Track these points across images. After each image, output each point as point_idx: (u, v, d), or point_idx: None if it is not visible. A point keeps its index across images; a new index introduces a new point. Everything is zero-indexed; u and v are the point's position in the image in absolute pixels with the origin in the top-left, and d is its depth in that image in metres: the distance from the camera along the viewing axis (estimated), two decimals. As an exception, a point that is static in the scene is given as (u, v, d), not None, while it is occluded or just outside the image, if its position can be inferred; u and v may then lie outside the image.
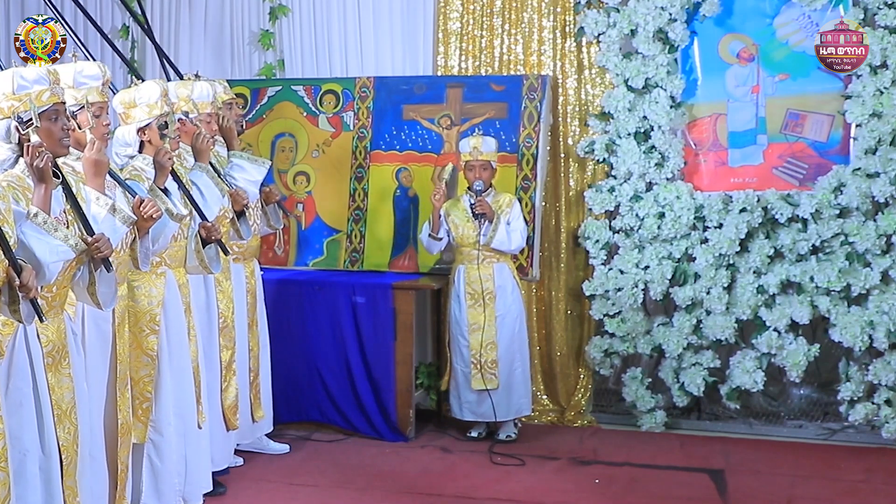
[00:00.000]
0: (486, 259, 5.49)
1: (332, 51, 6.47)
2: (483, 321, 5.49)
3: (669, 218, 5.71)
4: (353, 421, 5.66)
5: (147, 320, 4.01)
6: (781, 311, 5.58)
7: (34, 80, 3.10)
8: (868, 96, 5.46)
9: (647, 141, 5.80)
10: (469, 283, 5.52)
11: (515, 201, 5.57)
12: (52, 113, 3.13)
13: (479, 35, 6.16)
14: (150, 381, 4.02)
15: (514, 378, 5.54)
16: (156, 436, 4.04)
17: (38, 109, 3.08)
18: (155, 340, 4.01)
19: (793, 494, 4.75)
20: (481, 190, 5.44)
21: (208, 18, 6.63)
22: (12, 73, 3.12)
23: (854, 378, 5.56)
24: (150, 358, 4.01)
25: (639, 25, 5.73)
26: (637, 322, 5.85)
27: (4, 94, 3.09)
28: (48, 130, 3.11)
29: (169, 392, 4.09)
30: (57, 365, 3.14)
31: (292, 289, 5.73)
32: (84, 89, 3.60)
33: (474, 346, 5.51)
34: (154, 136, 4.06)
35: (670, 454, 5.39)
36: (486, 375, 5.48)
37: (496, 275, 5.52)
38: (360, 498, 4.73)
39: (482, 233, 5.44)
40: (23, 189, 3.06)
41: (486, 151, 5.49)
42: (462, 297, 5.54)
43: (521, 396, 5.58)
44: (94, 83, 3.64)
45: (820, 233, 5.54)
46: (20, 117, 3.05)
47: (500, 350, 5.50)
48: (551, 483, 4.95)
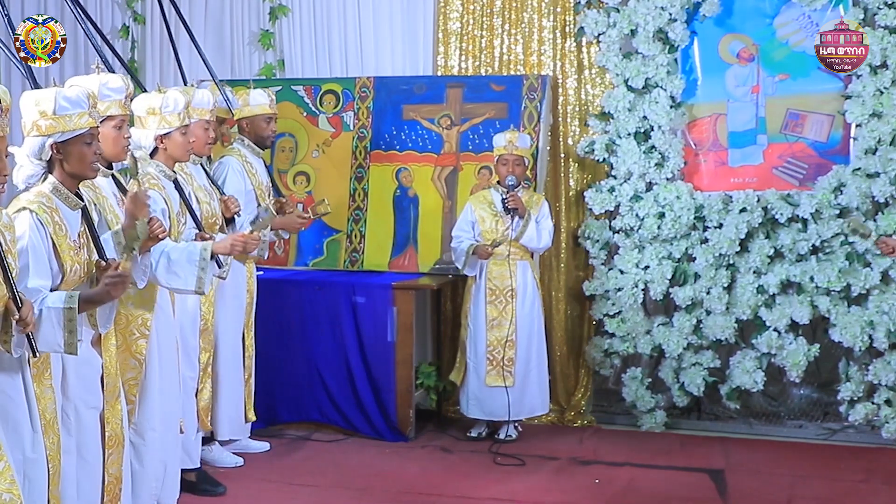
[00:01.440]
0: (511, 255, 5.47)
1: (332, 51, 6.47)
2: (502, 318, 5.48)
3: (669, 218, 5.71)
4: (353, 421, 5.66)
5: (139, 324, 3.99)
6: (781, 311, 5.58)
7: (75, 102, 3.14)
8: (868, 96, 5.47)
9: (647, 141, 5.80)
10: (491, 279, 5.51)
11: (545, 201, 5.57)
12: (87, 137, 3.18)
13: (479, 35, 6.16)
14: (136, 385, 3.98)
15: (529, 378, 5.54)
16: (137, 439, 3.98)
17: (76, 132, 3.13)
18: (144, 345, 3.99)
19: (793, 494, 4.75)
20: (514, 185, 5.40)
21: (208, 18, 6.63)
22: (55, 92, 3.15)
23: (854, 378, 5.57)
24: (137, 361, 3.98)
25: (639, 25, 5.74)
26: (637, 322, 5.85)
27: (43, 112, 3.12)
28: (81, 153, 3.17)
29: (155, 397, 4.05)
30: (40, 375, 3.13)
31: (292, 289, 5.72)
32: (108, 101, 3.63)
33: (492, 341, 5.50)
34: (171, 144, 4.21)
35: (670, 454, 5.39)
36: (502, 372, 5.47)
37: (519, 273, 5.51)
38: (360, 498, 4.72)
39: (512, 227, 5.42)
40: (51, 210, 3.12)
41: (521, 146, 5.48)
42: (483, 292, 5.52)
43: (535, 396, 5.57)
44: (118, 96, 3.67)
45: (820, 233, 5.54)
46: None
47: (518, 348, 5.50)
48: (551, 483, 4.95)
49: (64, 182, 3.20)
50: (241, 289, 5.08)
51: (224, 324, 5.01)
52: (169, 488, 4.20)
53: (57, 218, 3.15)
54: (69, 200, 3.21)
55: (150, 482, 4.06)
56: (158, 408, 4.07)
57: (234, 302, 5.06)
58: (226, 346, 5.04)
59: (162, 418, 4.09)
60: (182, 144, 4.27)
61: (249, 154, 5.21)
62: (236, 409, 5.13)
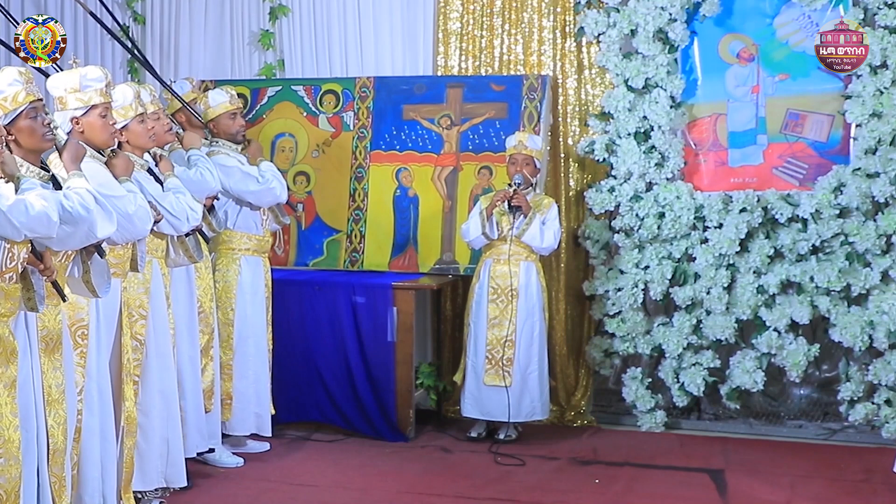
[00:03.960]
0: (514, 255, 5.47)
1: (332, 51, 6.47)
2: (503, 317, 5.48)
3: (669, 218, 5.71)
4: (353, 421, 5.66)
5: (136, 306, 4.13)
6: (781, 311, 5.58)
7: (8, 83, 3.20)
8: (868, 96, 5.47)
9: (647, 141, 5.80)
10: (494, 278, 5.50)
11: (554, 204, 5.56)
12: (31, 111, 3.23)
13: (479, 35, 6.16)
14: (139, 365, 4.16)
15: (528, 381, 5.52)
16: (142, 418, 4.15)
17: (17, 110, 3.19)
18: (143, 325, 4.17)
19: (793, 494, 4.75)
20: (520, 184, 5.40)
21: (208, 18, 6.63)
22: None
23: (854, 378, 5.57)
24: (138, 342, 4.14)
25: (639, 25, 5.73)
26: (637, 322, 5.85)
27: None
28: (31, 127, 3.22)
29: (155, 375, 4.24)
30: (51, 352, 3.26)
31: (292, 289, 5.72)
32: (89, 91, 3.72)
33: (492, 341, 5.50)
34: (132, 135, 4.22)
35: (670, 454, 5.39)
36: (500, 372, 5.46)
37: (522, 273, 5.50)
38: (360, 498, 4.72)
39: (515, 225, 5.43)
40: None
41: (530, 147, 5.47)
42: (485, 291, 5.52)
43: (535, 400, 5.54)
44: (98, 85, 3.74)
45: (820, 233, 5.54)
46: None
47: (517, 349, 5.49)
48: (551, 483, 4.95)
49: (25, 158, 3.25)
50: (259, 281, 5.18)
51: (242, 319, 5.13)
52: (175, 468, 4.35)
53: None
54: (34, 173, 3.26)
55: (156, 460, 4.23)
56: (158, 387, 4.24)
57: (252, 297, 5.16)
58: (246, 340, 5.15)
59: (161, 397, 4.27)
60: (142, 133, 4.28)
61: (231, 153, 5.21)
62: (259, 405, 5.21)
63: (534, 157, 5.49)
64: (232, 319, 5.12)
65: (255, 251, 5.20)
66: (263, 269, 5.24)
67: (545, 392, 5.62)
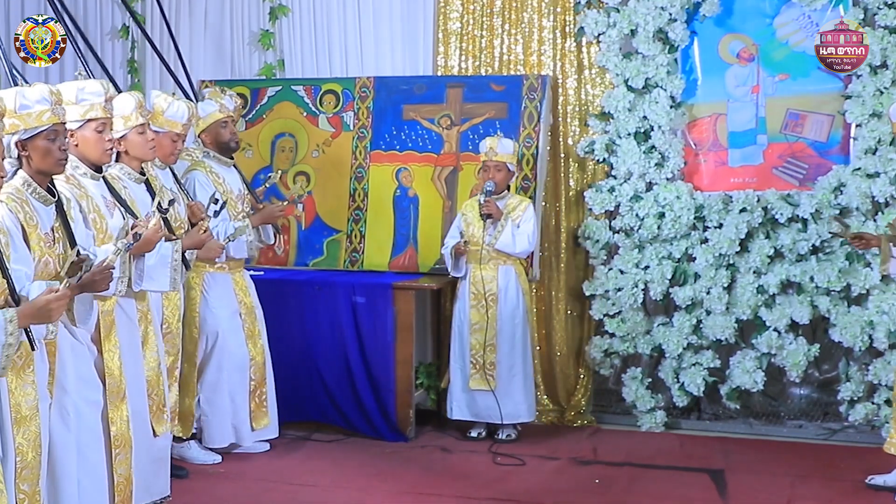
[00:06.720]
0: (491, 260, 5.49)
1: (332, 51, 6.47)
2: (484, 322, 5.49)
3: (669, 218, 5.71)
4: (353, 421, 5.66)
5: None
6: (781, 311, 5.58)
7: (36, 100, 3.17)
8: (868, 96, 5.47)
9: (647, 141, 5.80)
10: (473, 283, 5.53)
11: (529, 205, 5.55)
12: (50, 133, 3.21)
13: (479, 35, 6.16)
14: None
15: (513, 384, 5.53)
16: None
17: (39, 128, 3.17)
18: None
19: (793, 494, 4.75)
20: (491, 191, 5.43)
21: (208, 18, 6.63)
22: (16, 91, 3.19)
23: (854, 378, 5.57)
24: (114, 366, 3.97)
25: (639, 25, 5.74)
26: (637, 322, 5.85)
27: (6, 111, 3.13)
28: (47, 149, 3.21)
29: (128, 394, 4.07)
30: (20, 370, 3.13)
31: (292, 289, 5.73)
32: (86, 105, 3.65)
33: (475, 345, 5.52)
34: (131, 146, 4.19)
35: (670, 454, 5.39)
36: (485, 376, 5.49)
37: (500, 277, 5.52)
38: (360, 498, 4.72)
39: (488, 233, 5.45)
40: (21, 202, 3.16)
41: (501, 153, 5.47)
42: (466, 296, 5.55)
43: (520, 403, 5.55)
44: (97, 99, 3.68)
45: (820, 233, 5.55)
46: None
47: (499, 353, 5.50)
48: (551, 483, 4.95)
49: (34, 178, 3.23)
50: (227, 298, 5.11)
51: (213, 335, 5.07)
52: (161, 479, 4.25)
53: (27, 209, 3.18)
54: (39, 195, 3.24)
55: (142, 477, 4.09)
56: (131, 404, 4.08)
57: (221, 312, 5.10)
58: (218, 353, 5.09)
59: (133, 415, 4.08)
60: (140, 144, 4.23)
61: (216, 165, 5.18)
62: (232, 417, 5.14)
63: (506, 163, 5.49)
64: (196, 337, 5.07)
65: (220, 267, 5.09)
66: (233, 284, 5.15)
67: (530, 394, 5.62)
